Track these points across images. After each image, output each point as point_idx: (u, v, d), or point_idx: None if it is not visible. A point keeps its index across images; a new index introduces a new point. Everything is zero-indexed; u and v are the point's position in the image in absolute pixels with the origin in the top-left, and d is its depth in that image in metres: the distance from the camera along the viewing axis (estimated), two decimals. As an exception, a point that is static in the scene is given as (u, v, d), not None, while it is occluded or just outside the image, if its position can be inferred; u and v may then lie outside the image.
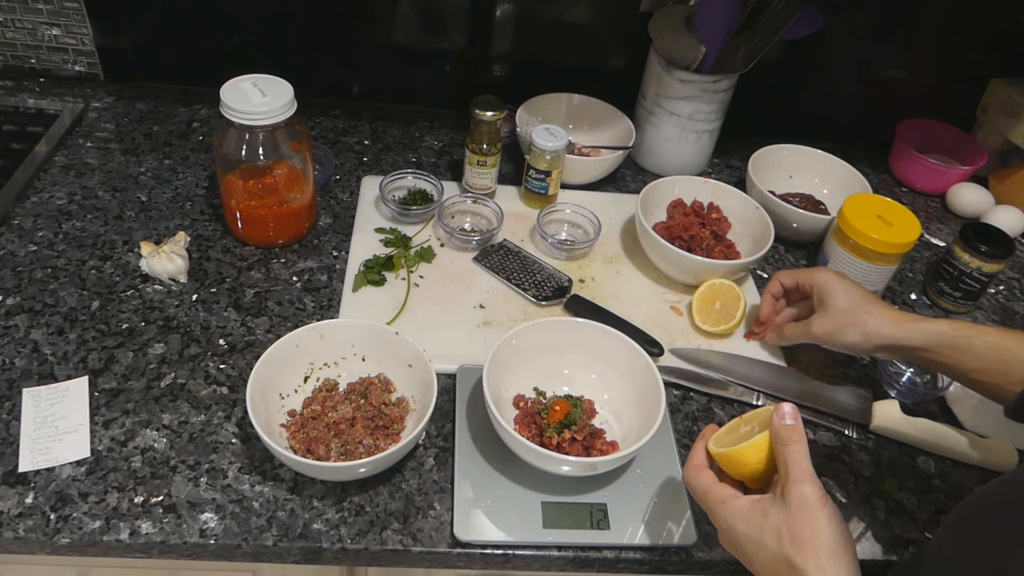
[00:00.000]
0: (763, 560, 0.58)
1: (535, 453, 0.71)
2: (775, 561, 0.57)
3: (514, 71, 1.24)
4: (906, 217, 0.99)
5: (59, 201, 1.01)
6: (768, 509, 0.58)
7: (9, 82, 1.20)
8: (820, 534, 0.56)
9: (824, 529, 0.56)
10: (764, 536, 0.57)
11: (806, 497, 0.57)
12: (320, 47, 1.20)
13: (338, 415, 0.77)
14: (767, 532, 0.57)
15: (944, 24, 1.22)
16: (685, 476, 0.65)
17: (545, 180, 1.06)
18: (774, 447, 0.60)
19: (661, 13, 1.13)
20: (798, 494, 0.57)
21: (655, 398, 0.76)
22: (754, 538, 0.58)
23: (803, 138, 1.20)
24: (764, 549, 0.57)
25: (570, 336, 0.83)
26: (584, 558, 0.73)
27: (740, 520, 0.59)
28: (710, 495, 0.62)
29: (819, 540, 0.56)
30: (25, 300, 0.88)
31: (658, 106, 1.14)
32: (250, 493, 0.73)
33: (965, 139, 1.28)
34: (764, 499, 0.59)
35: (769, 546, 0.57)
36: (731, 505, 0.60)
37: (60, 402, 0.78)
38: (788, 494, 0.57)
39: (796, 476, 0.57)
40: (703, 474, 0.63)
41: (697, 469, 0.64)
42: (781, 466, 0.59)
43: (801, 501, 0.57)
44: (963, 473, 0.84)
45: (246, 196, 0.93)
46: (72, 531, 0.68)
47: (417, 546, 0.71)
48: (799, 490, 0.57)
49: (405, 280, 0.96)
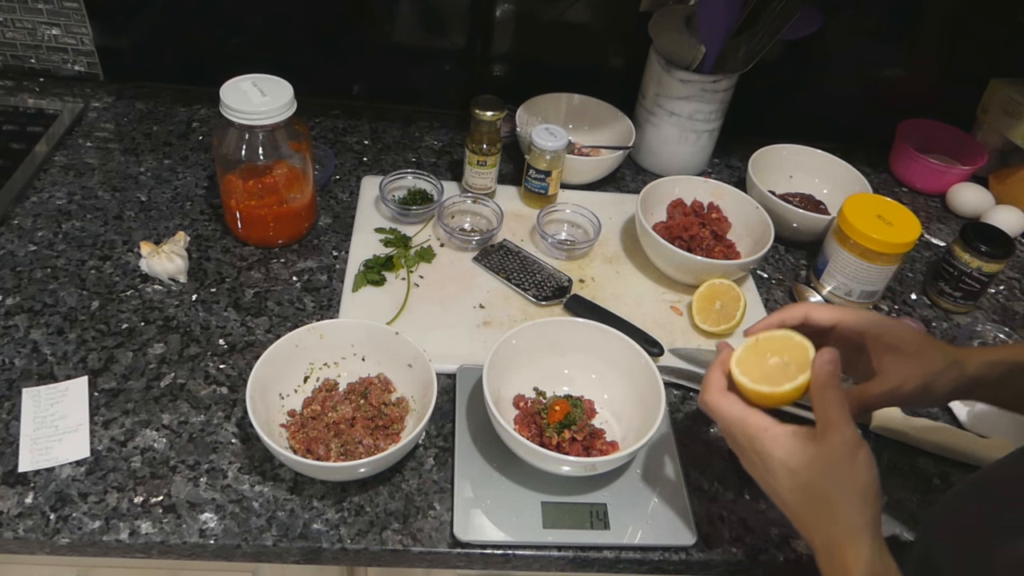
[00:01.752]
0: (792, 487, 0.58)
1: (535, 453, 0.71)
2: (806, 490, 0.57)
3: (514, 71, 1.24)
4: (906, 217, 0.99)
5: (59, 201, 1.01)
6: (807, 443, 0.58)
7: (9, 82, 1.20)
8: (859, 473, 0.56)
9: (862, 469, 0.56)
10: (800, 465, 0.58)
11: (847, 439, 0.57)
12: (320, 47, 1.20)
13: (338, 415, 0.77)
14: (803, 462, 0.57)
15: (944, 24, 1.22)
16: (710, 401, 0.63)
17: (545, 180, 1.06)
18: (813, 389, 0.60)
19: (661, 13, 1.13)
20: (840, 436, 0.57)
21: (655, 398, 0.76)
22: (789, 465, 0.58)
23: (803, 138, 1.20)
24: (797, 477, 0.58)
25: (570, 336, 0.83)
26: (584, 558, 0.73)
27: (779, 447, 0.59)
28: (749, 420, 0.61)
29: (857, 478, 0.56)
30: (25, 300, 0.88)
31: (658, 106, 1.14)
32: (250, 493, 0.73)
33: (965, 139, 1.28)
34: (802, 431, 0.59)
35: (802, 475, 0.57)
36: (773, 433, 0.60)
37: (60, 402, 0.78)
38: (829, 435, 0.57)
39: (836, 420, 0.57)
40: (732, 399, 0.62)
41: (724, 395, 0.63)
42: (820, 409, 0.59)
43: (842, 441, 0.57)
44: (963, 473, 0.84)
45: (246, 196, 0.93)
46: (72, 531, 0.68)
47: (417, 546, 0.71)
48: (841, 433, 0.57)
49: (405, 280, 0.96)
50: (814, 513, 0.58)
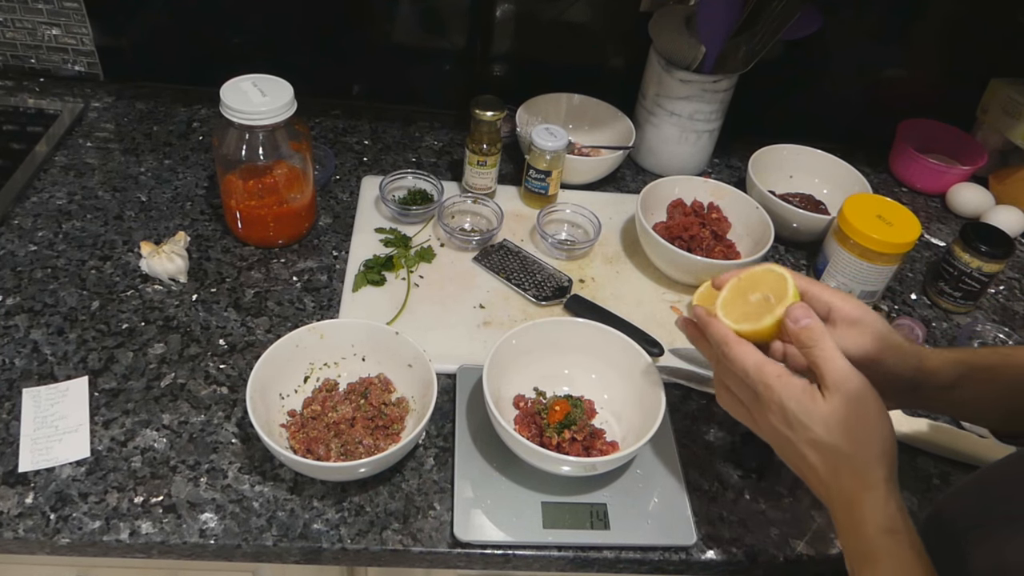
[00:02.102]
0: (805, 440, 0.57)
1: (535, 453, 0.71)
2: (817, 446, 0.57)
3: (514, 71, 1.24)
4: (906, 217, 0.99)
5: (59, 201, 1.01)
6: (816, 396, 0.57)
7: (9, 82, 1.20)
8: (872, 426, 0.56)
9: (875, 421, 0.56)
10: (812, 420, 0.57)
11: (854, 391, 0.56)
12: (320, 47, 1.20)
13: (338, 415, 0.77)
14: (815, 418, 0.57)
15: (944, 24, 1.21)
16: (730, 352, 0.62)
17: (545, 180, 1.06)
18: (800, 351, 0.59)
19: (661, 13, 1.13)
20: (846, 389, 0.56)
21: (655, 398, 0.76)
22: (802, 419, 0.57)
23: (803, 138, 1.20)
24: (809, 431, 0.57)
25: (570, 336, 0.83)
26: (584, 558, 0.73)
27: (792, 399, 0.58)
28: (765, 368, 0.59)
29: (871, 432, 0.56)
30: (25, 300, 0.88)
31: (658, 106, 1.14)
32: (250, 493, 0.73)
33: (965, 139, 1.28)
34: (813, 386, 0.58)
35: (815, 429, 0.57)
36: (788, 381, 0.59)
37: (60, 402, 0.78)
38: (835, 389, 0.56)
39: (837, 371, 0.57)
40: (752, 349, 0.61)
41: (740, 342, 0.62)
42: (815, 368, 0.58)
43: (849, 395, 0.56)
44: (963, 473, 0.84)
45: (246, 196, 0.93)
46: (72, 531, 0.68)
47: (417, 546, 0.71)
48: (847, 386, 0.56)
49: (405, 280, 0.96)
50: (829, 468, 0.57)
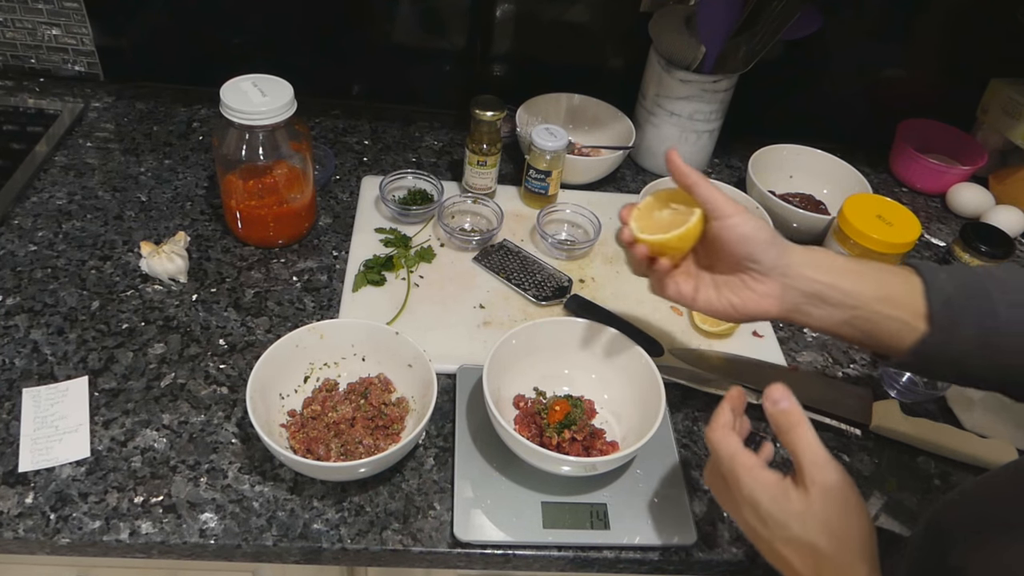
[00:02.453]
0: (781, 539, 0.56)
1: (535, 453, 0.71)
2: (794, 544, 0.55)
3: (514, 71, 1.24)
4: (906, 217, 0.99)
5: (59, 201, 1.01)
6: (790, 492, 0.56)
7: (9, 82, 1.20)
8: (852, 523, 0.55)
9: (855, 518, 0.55)
10: (788, 518, 0.56)
11: (831, 485, 0.55)
12: (320, 47, 1.20)
13: (338, 415, 0.77)
14: (791, 515, 0.56)
15: (944, 24, 1.21)
16: (710, 435, 0.62)
17: (545, 180, 1.06)
18: (777, 435, 0.58)
19: (661, 13, 1.13)
20: (822, 482, 0.55)
21: (655, 398, 0.76)
22: (777, 517, 0.56)
23: (803, 138, 1.20)
24: (786, 530, 0.56)
25: (570, 336, 0.83)
26: (584, 558, 0.73)
27: (765, 494, 0.57)
28: (737, 459, 0.59)
29: (851, 530, 0.55)
30: (25, 300, 0.88)
31: (658, 106, 1.14)
32: (250, 493, 0.73)
33: (965, 139, 1.28)
34: (787, 481, 0.57)
35: (792, 528, 0.55)
36: (758, 475, 0.58)
37: (60, 402, 0.78)
38: (811, 482, 0.55)
39: (814, 462, 0.56)
40: (731, 437, 0.61)
41: (724, 430, 0.61)
42: (792, 455, 0.57)
43: (826, 489, 0.55)
44: (963, 473, 0.84)
45: (246, 196, 0.93)
46: (72, 531, 0.68)
47: (417, 546, 0.71)
48: (823, 478, 0.55)
49: (405, 280, 0.96)
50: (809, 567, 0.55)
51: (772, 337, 0.96)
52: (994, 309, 0.61)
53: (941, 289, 0.62)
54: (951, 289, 0.62)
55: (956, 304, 0.61)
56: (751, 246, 0.65)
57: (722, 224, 0.65)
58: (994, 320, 0.61)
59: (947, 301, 0.62)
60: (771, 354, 0.94)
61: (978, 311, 0.61)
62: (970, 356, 0.62)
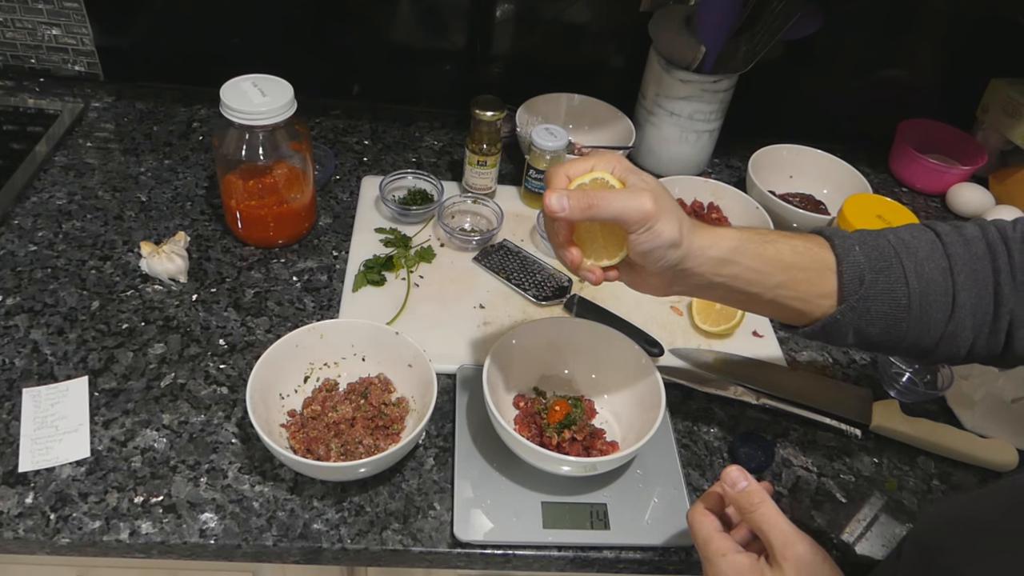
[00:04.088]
0: None
1: (535, 453, 0.71)
2: None
3: (514, 71, 1.24)
4: (906, 217, 0.99)
5: (59, 201, 1.01)
6: (765, 572, 0.56)
7: (9, 82, 1.20)
8: None
9: None
10: None
11: (802, 557, 0.55)
12: (320, 47, 1.20)
13: (338, 415, 0.77)
14: None
15: (944, 24, 1.21)
16: (690, 516, 0.63)
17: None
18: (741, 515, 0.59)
19: (661, 13, 1.13)
20: (792, 557, 0.55)
21: (655, 398, 0.76)
22: None
23: (803, 138, 1.20)
24: None
25: (570, 336, 0.83)
26: (584, 558, 0.73)
27: None
28: (711, 545, 0.59)
29: None
30: (25, 300, 0.88)
31: (658, 106, 1.14)
32: (250, 493, 0.73)
33: (965, 139, 1.28)
34: (760, 561, 0.57)
35: None
36: (732, 559, 0.58)
37: (60, 402, 0.78)
38: (783, 558, 0.55)
39: (781, 540, 0.56)
40: (708, 520, 0.61)
41: (703, 514, 0.62)
42: (759, 533, 0.58)
43: (799, 563, 0.55)
44: (963, 473, 0.84)
45: (246, 196, 0.93)
46: (72, 531, 0.68)
47: (417, 546, 0.71)
48: (792, 553, 0.55)
49: (405, 280, 0.96)
50: None
51: (772, 337, 0.96)
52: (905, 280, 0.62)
53: (855, 263, 0.62)
54: (864, 263, 0.62)
55: (868, 280, 0.62)
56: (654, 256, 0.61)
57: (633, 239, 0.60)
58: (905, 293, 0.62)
59: (860, 277, 0.62)
60: (771, 354, 0.94)
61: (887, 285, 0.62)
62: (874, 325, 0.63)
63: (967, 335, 0.62)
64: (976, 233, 0.63)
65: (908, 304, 0.62)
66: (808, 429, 0.86)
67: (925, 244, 0.63)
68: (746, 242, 0.63)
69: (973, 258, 0.62)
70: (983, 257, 0.62)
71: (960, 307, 0.62)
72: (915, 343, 0.64)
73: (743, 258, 0.62)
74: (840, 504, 0.80)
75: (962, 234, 0.64)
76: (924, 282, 0.62)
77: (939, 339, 0.63)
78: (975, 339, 0.63)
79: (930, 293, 0.62)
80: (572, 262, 0.63)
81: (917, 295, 0.62)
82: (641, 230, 0.58)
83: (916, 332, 0.63)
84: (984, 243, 0.63)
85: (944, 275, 0.62)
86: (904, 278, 0.62)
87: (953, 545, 0.50)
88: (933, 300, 0.62)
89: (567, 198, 0.58)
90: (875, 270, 0.62)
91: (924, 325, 0.62)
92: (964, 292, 0.61)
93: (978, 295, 0.62)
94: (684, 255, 0.61)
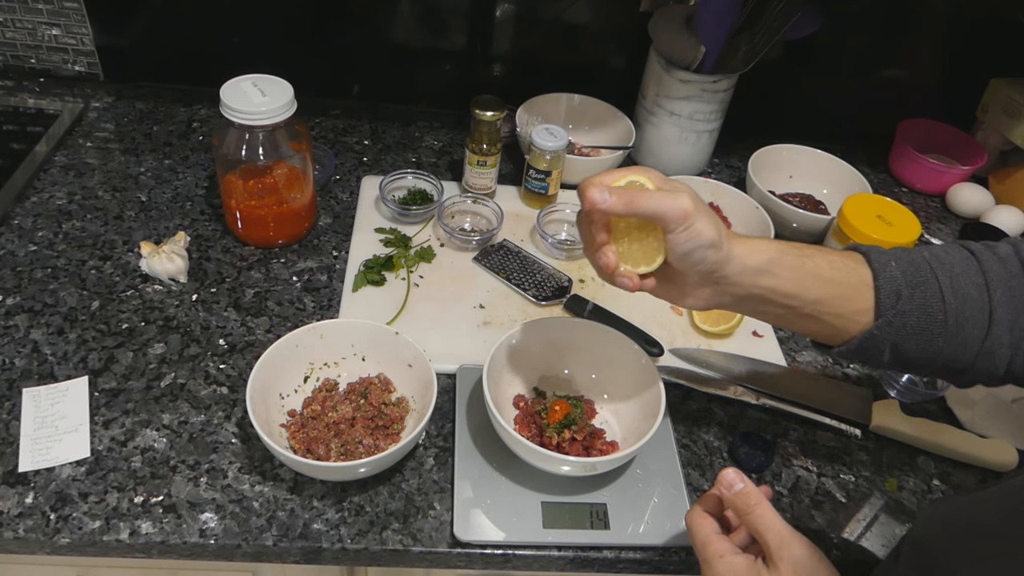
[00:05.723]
0: None
1: (535, 453, 0.71)
2: None
3: (514, 71, 1.24)
4: (906, 217, 0.99)
5: (59, 201, 1.01)
6: (762, 573, 0.56)
7: (9, 82, 1.20)
8: None
9: None
10: None
11: (798, 559, 0.55)
12: (320, 47, 1.20)
13: (338, 415, 0.77)
14: None
15: (944, 24, 1.21)
16: (688, 518, 0.63)
17: (545, 180, 1.06)
18: (738, 517, 0.59)
19: (661, 13, 1.13)
20: (789, 558, 0.55)
21: (655, 398, 0.76)
22: None
23: (803, 138, 1.20)
24: None
25: (570, 336, 0.83)
26: (584, 558, 0.73)
27: None
28: (709, 547, 0.59)
29: None
30: (25, 300, 0.88)
31: (658, 106, 1.14)
32: (250, 493, 0.73)
33: (965, 139, 1.28)
34: (757, 563, 0.57)
35: None
36: (730, 561, 0.58)
37: (60, 402, 0.78)
38: (779, 559, 0.56)
39: (778, 542, 0.56)
40: (706, 523, 0.61)
41: (702, 516, 0.62)
42: (756, 535, 0.58)
43: (795, 563, 0.55)
44: (963, 473, 0.84)
45: (246, 196, 0.93)
46: (72, 531, 0.68)
47: (417, 546, 0.71)
48: (788, 554, 0.56)
49: (405, 280, 0.96)
50: None
51: (772, 337, 0.96)
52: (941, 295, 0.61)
53: (892, 279, 0.62)
54: (900, 279, 0.62)
55: (905, 295, 0.62)
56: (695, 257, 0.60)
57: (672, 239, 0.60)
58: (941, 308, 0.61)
59: (897, 292, 0.62)
60: (771, 354, 0.94)
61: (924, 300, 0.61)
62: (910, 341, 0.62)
63: (1004, 352, 0.61)
64: (1010, 251, 0.63)
65: (944, 319, 0.61)
66: (808, 429, 0.86)
67: (960, 260, 0.63)
68: (783, 255, 0.62)
69: (1009, 275, 0.62)
70: (1018, 275, 0.62)
71: (997, 323, 0.61)
72: (951, 360, 0.63)
73: (781, 270, 0.62)
74: (840, 504, 0.80)
75: (996, 252, 0.63)
76: (960, 297, 0.61)
77: (976, 356, 0.62)
78: (1013, 356, 0.62)
79: (966, 308, 0.61)
80: (607, 266, 0.61)
81: (953, 310, 0.61)
82: (680, 228, 0.58)
83: (952, 348, 0.62)
84: (1018, 261, 0.63)
85: (980, 291, 0.62)
86: (940, 293, 0.61)
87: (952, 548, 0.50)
88: (969, 315, 0.61)
89: (608, 192, 0.58)
90: (911, 285, 0.62)
91: (960, 341, 0.62)
92: (1000, 308, 0.61)
93: (1015, 311, 0.61)
94: (723, 259, 0.60)
